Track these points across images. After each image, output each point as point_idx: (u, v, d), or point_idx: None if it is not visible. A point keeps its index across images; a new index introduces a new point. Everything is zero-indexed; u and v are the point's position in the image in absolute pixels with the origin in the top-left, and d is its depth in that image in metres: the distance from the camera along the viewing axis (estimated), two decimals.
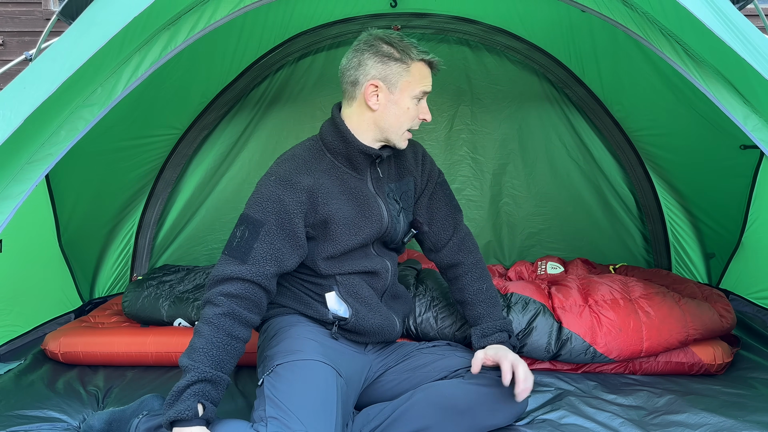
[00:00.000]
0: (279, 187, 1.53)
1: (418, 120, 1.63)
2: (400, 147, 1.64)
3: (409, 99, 1.58)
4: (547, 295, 2.03)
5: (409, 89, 1.57)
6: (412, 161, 1.78)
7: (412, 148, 1.79)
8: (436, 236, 1.78)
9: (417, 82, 1.57)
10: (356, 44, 1.59)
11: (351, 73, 1.58)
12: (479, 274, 1.75)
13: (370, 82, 1.55)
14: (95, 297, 2.61)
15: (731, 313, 1.96)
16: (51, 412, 1.67)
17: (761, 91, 1.42)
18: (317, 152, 1.62)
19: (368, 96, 1.56)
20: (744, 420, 1.57)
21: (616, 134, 2.76)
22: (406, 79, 1.56)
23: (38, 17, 4.84)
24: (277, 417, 1.33)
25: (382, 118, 1.59)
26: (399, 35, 1.58)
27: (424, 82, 1.59)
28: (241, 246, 1.48)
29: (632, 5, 1.56)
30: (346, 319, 1.60)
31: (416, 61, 1.56)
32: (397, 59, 1.55)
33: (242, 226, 1.51)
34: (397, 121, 1.59)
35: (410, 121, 1.61)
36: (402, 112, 1.59)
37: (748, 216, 2.32)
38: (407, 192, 1.75)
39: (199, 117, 2.75)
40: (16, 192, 1.37)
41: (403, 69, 1.55)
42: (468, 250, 1.78)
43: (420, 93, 1.58)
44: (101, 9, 1.49)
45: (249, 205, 1.54)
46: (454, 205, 1.83)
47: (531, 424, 1.60)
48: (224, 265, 1.47)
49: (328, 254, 1.58)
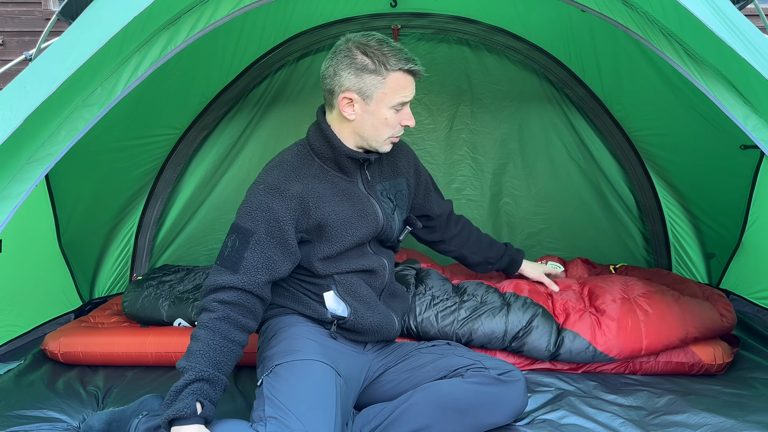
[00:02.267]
0: (268, 195, 1.52)
1: (400, 126, 1.59)
2: (383, 152, 1.63)
3: (387, 109, 1.54)
4: (547, 298, 2.02)
5: (386, 100, 1.53)
6: (404, 162, 1.80)
7: (403, 150, 1.83)
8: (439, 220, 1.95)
9: (394, 93, 1.53)
10: (333, 51, 1.55)
11: (327, 82, 1.56)
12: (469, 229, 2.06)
13: (344, 95, 1.52)
14: (95, 297, 2.61)
15: (732, 312, 1.96)
16: (51, 412, 1.67)
17: (761, 91, 1.42)
18: (305, 157, 1.62)
19: (343, 107, 1.54)
20: (744, 420, 1.57)
21: (616, 134, 2.76)
22: (381, 90, 1.52)
23: (38, 17, 4.84)
24: (276, 417, 1.33)
25: (360, 128, 1.57)
26: (379, 41, 1.52)
27: (403, 92, 1.54)
28: (232, 255, 1.48)
29: (632, 5, 1.56)
30: (344, 318, 1.60)
31: (393, 71, 1.51)
32: (372, 71, 1.50)
33: (233, 236, 1.51)
34: (375, 131, 1.57)
35: (391, 129, 1.58)
36: (380, 122, 1.55)
37: (748, 216, 2.32)
38: (401, 191, 1.77)
39: (199, 117, 2.75)
40: (16, 192, 1.37)
41: (379, 81, 1.51)
42: (456, 220, 2.04)
43: (398, 104, 1.54)
44: (101, 9, 1.50)
45: (239, 214, 1.54)
46: (441, 193, 2.00)
47: (531, 424, 1.60)
48: (216, 275, 1.47)
49: (325, 255, 1.58)
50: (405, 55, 1.52)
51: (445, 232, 2.00)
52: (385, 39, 1.54)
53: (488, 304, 1.94)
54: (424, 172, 1.91)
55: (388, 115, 1.55)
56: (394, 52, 1.51)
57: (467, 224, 2.07)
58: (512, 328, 1.86)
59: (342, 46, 1.54)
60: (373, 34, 1.55)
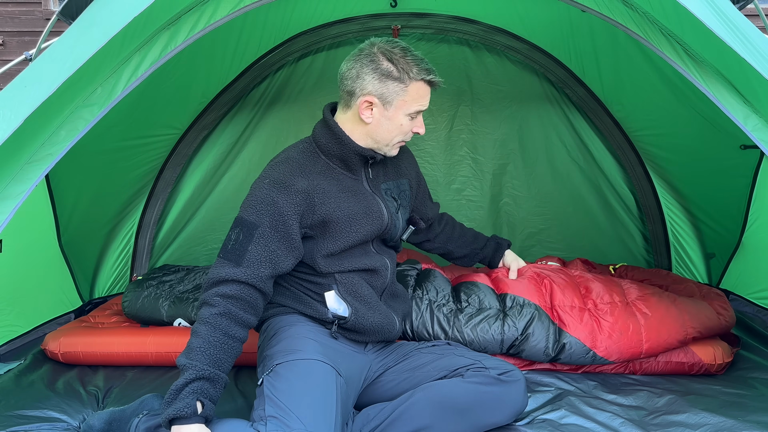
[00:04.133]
0: (273, 189, 1.53)
1: (411, 133, 1.64)
2: (389, 155, 1.67)
3: (404, 116, 1.58)
4: (543, 290, 1.99)
5: (405, 108, 1.57)
6: (406, 164, 1.84)
7: (406, 151, 1.85)
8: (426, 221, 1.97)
9: (413, 102, 1.57)
10: (357, 53, 1.58)
11: (348, 83, 1.58)
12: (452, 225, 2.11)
13: (365, 99, 1.55)
14: (95, 297, 2.61)
15: (729, 310, 1.96)
16: (51, 412, 1.67)
17: (761, 91, 1.42)
18: (311, 154, 1.63)
19: (362, 110, 1.57)
20: (744, 420, 1.57)
21: (617, 134, 2.76)
22: (402, 98, 1.56)
23: (38, 17, 4.84)
24: (276, 416, 1.33)
25: (375, 131, 1.60)
26: (403, 49, 1.56)
27: (421, 102, 1.58)
28: (236, 248, 1.48)
29: (632, 5, 1.56)
30: (345, 318, 1.60)
31: (415, 80, 1.55)
32: (396, 78, 1.54)
33: (237, 229, 1.51)
34: (388, 135, 1.61)
35: (403, 135, 1.63)
36: (395, 128, 1.60)
37: (748, 216, 2.32)
38: (404, 191, 1.79)
39: (199, 117, 2.75)
40: (16, 192, 1.37)
41: (401, 88, 1.55)
42: (439, 218, 2.07)
43: (415, 112, 1.59)
44: (101, 9, 1.50)
45: (243, 208, 1.54)
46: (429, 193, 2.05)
47: (531, 424, 1.60)
48: (219, 268, 1.47)
49: (328, 251, 1.59)
50: (426, 65, 1.57)
51: (430, 231, 2.07)
52: (408, 48, 1.58)
53: (485, 311, 1.92)
54: (422, 177, 1.97)
55: (404, 122, 1.59)
56: (417, 62, 1.55)
57: (450, 220, 2.13)
58: (508, 337, 1.86)
59: (367, 50, 1.57)
60: (398, 41, 1.59)
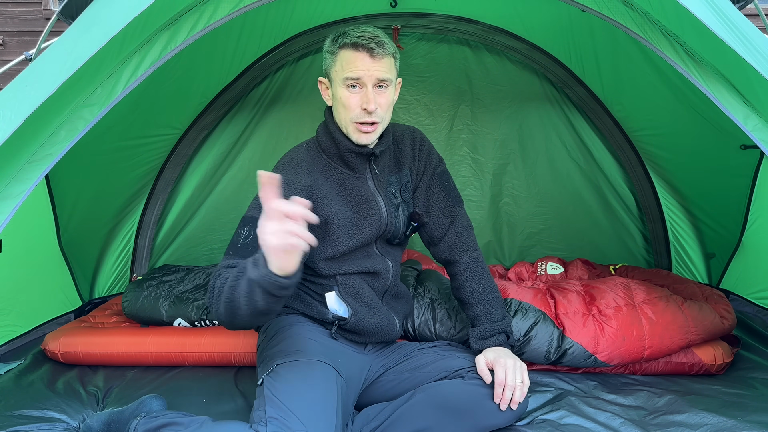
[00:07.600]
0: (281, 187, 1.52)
1: (361, 111, 1.52)
2: (356, 141, 1.57)
3: (340, 88, 1.53)
4: (549, 300, 1.99)
5: (338, 78, 1.53)
6: (409, 150, 1.73)
7: (410, 135, 1.74)
8: (431, 230, 1.75)
9: (341, 69, 1.51)
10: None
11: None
12: (475, 274, 1.72)
13: (319, 79, 1.60)
14: (95, 297, 2.61)
15: (731, 314, 1.95)
16: (51, 412, 1.67)
17: (761, 91, 1.42)
18: (314, 154, 1.63)
19: (323, 93, 1.61)
20: (744, 420, 1.57)
21: (617, 134, 2.76)
22: (335, 68, 1.54)
23: (38, 17, 4.84)
24: (277, 417, 1.33)
25: (335, 114, 1.59)
26: (353, 26, 1.53)
27: (349, 67, 1.50)
28: (246, 245, 1.45)
29: (632, 5, 1.56)
30: (345, 319, 1.60)
31: (341, 47, 1.51)
32: (330, 51, 1.55)
33: (246, 227, 1.49)
34: (339, 115, 1.57)
35: (350, 111, 1.52)
36: (339, 104, 1.54)
37: (748, 216, 2.32)
38: (406, 183, 1.72)
39: (199, 117, 2.75)
40: (16, 192, 1.37)
41: (333, 59, 1.54)
42: (464, 247, 1.73)
43: (346, 79, 1.50)
44: (101, 9, 1.49)
45: (252, 206, 1.53)
46: (453, 197, 1.76)
47: (531, 424, 1.60)
48: (228, 260, 1.43)
49: (328, 255, 1.58)
50: (360, 32, 1.50)
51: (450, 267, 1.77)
52: (362, 25, 1.53)
53: None
54: (443, 178, 1.75)
55: (343, 95, 1.52)
56: (352, 31, 1.51)
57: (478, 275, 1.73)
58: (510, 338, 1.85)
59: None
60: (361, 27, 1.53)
